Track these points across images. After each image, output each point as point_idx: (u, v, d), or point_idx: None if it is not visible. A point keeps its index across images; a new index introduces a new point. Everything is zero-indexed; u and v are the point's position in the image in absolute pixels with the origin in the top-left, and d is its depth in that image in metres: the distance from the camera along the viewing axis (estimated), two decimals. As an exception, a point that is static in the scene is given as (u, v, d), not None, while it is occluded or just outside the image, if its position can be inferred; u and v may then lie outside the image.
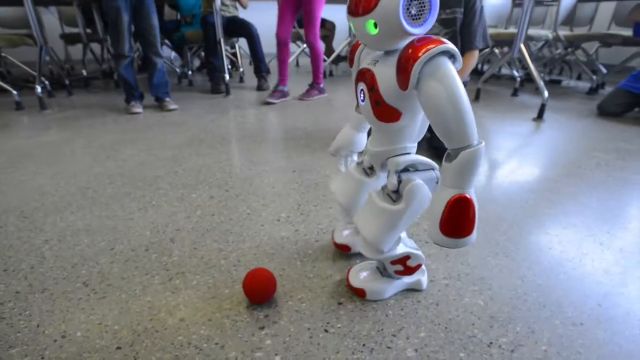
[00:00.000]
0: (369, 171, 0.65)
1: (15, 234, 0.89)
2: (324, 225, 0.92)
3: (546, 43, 3.01)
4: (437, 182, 0.54)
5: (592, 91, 2.69)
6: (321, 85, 2.46)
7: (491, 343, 0.58)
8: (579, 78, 3.36)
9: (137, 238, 0.87)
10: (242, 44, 3.30)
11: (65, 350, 0.56)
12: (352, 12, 0.47)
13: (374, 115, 0.53)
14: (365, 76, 0.53)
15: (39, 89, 2.15)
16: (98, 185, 1.15)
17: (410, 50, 0.43)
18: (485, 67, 3.76)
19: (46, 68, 3.45)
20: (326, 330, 0.60)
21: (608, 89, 2.77)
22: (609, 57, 3.48)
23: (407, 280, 0.68)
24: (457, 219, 0.47)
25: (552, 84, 3.11)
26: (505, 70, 3.58)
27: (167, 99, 2.19)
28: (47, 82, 2.53)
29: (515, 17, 3.49)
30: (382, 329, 0.60)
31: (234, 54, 3.35)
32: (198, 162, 1.35)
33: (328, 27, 3.45)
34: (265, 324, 0.61)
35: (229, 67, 2.65)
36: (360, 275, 0.68)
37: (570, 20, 3.22)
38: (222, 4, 2.71)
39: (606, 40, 2.77)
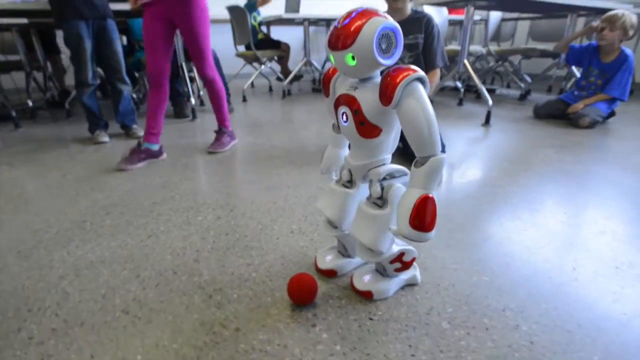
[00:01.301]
0: (348, 184, 0.74)
1: (23, 275, 0.86)
2: (335, 232, 1.00)
3: (479, 57, 3.40)
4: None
5: (522, 97, 3.09)
6: (230, 129, 1.88)
7: (504, 308, 0.70)
8: (508, 86, 3.82)
9: (159, 263, 0.88)
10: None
11: (136, 371, 0.59)
12: (333, 47, 0.57)
13: (358, 133, 0.62)
14: (347, 101, 0.62)
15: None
16: (94, 218, 1.13)
17: (389, 79, 0.54)
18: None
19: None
20: (371, 319, 0.68)
21: (535, 95, 3.19)
22: (529, 68, 4.00)
23: (404, 277, 0.76)
24: (424, 215, 0.56)
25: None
26: (446, 83, 3.96)
27: (135, 126, 2.15)
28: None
29: (450, 34, 3.90)
30: (416, 310, 0.70)
31: (192, 78, 3.34)
32: (190, 186, 1.36)
33: (283, 49, 3.58)
34: (316, 321, 0.68)
35: (191, 91, 2.64)
36: (364, 279, 0.75)
37: (496, 36, 3.68)
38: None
39: (528, 53, 3.22)
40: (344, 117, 0.63)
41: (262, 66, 3.57)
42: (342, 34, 0.55)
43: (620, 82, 2.17)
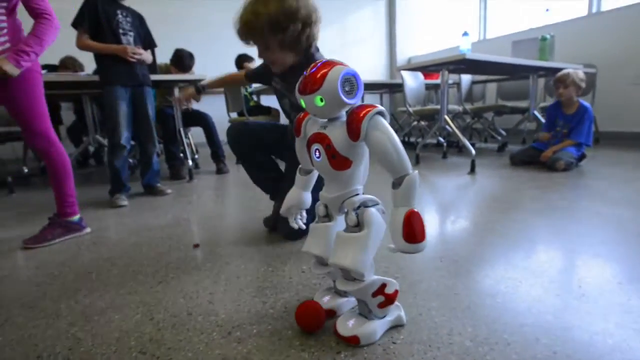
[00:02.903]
0: (326, 219, 0.77)
1: (28, 324, 0.83)
2: (345, 269, 1.02)
3: (456, 115, 3.69)
4: (383, 213, 0.68)
5: (500, 149, 3.30)
6: (75, 219, 1.47)
7: (521, 325, 0.72)
8: (485, 141, 4.09)
9: (172, 306, 0.87)
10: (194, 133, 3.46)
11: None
12: (302, 92, 0.65)
13: (330, 166, 0.67)
14: (319, 138, 0.68)
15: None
16: (100, 269, 1.12)
17: (354, 115, 0.63)
18: (413, 139, 4.39)
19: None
20: (394, 343, 0.69)
21: (511, 147, 3.42)
22: (502, 124, 4.33)
23: (390, 318, 0.73)
24: (414, 228, 0.61)
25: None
26: (428, 140, 4.22)
27: (159, 185, 2.22)
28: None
29: (426, 97, 4.26)
30: (437, 332, 0.71)
31: (188, 143, 3.47)
32: (196, 237, 1.37)
33: (273, 114, 3.80)
34: (341, 349, 0.68)
35: (189, 155, 2.74)
36: (349, 324, 0.71)
37: (469, 97, 4.04)
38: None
39: (500, 110, 3.52)
40: (317, 153, 0.69)
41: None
42: (310, 80, 0.63)
43: (583, 129, 2.40)
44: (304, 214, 0.87)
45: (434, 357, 0.64)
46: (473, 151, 2.36)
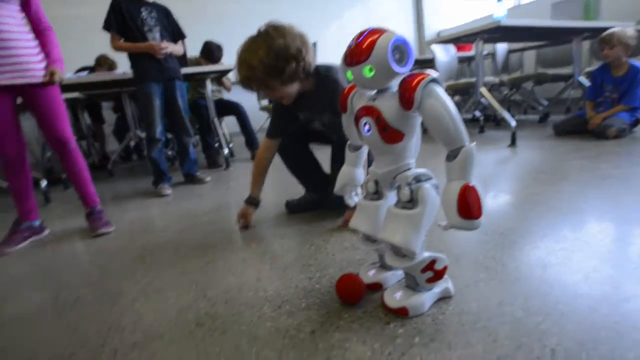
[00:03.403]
0: (375, 196, 0.76)
1: (96, 302, 0.91)
2: (386, 245, 1.02)
3: (493, 87, 3.52)
4: (437, 188, 0.66)
5: (542, 120, 3.12)
6: (101, 215, 1.55)
7: (575, 296, 0.69)
8: (525, 113, 3.88)
9: (223, 284, 0.92)
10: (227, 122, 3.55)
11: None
12: (350, 63, 0.62)
13: (381, 139, 0.66)
14: (369, 111, 0.66)
15: (44, 183, 2.17)
16: (152, 253, 1.19)
17: (407, 84, 0.60)
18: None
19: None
20: (443, 314, 0.69)
21: (554, 117, 3.23)
22: (543, 94, 4.08)
23: (437, 290, 0.72)
24: (469, 204, 0.58)
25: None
26: (463, 115, 4.07)
27: (198, 173, 2.31)
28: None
29: (459, 71, 4.08)
30: (487, 304, 0.70)
31: (223, 133, 3.56)
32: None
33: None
34: (390, 320, 0.69)
35: (224, 143, 2.82)
36: (396, 296, 0.71)
37: (505, 68, 3.82)
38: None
39: (540, 78, 3.31)
40: (366, 127, 0.67)
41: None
42: (357, 51, 0.61)
43: (636, 92, 2.20)
44: (359, 190, 0.85)
45: (484, 327, 0.64)
46: (513, 122, 2.25)
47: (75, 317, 0.85)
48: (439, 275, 0.70)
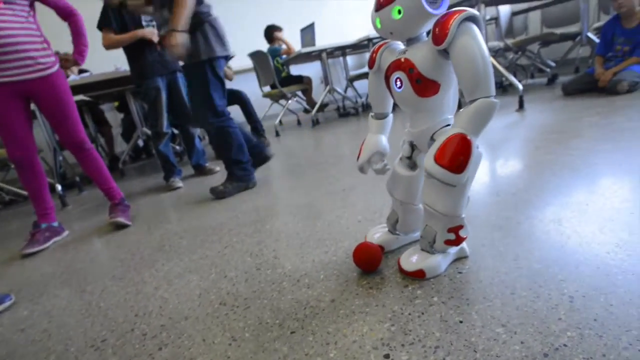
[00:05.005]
0: (410, 162, 0.73)
1: (121, 291, 0.94)
2: (399, 215, 1.03)
3: (497, 52, 3.43)
4: (477, 147, 0.59)
5: (550, 82, 3.05)
6: (126, 209, 1.61)
7: (592, 244, 0.69)
8: (532, 77, 3.78)
9: (242, 264, 0.94)
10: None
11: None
12: (379, 7, 0.58)
13: (415, 93, 0.61)
14: (399, 65, 0.62)
15: (59, 187, 2.22)
16: (171, 242, 1.22)
17: (441, 19, 0.54)
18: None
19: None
20: (460, 272, 0.69)
21: (562, 79, 3.14)
22: (550, 55, 3.96)
23: (453, 250, 0.71)
24: (452, 152, 0.54)
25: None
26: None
27: (207, 164, 2.33)
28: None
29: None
30: (503, 259, 0.70)
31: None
32: (251, 205, 1.44)
33: (306, 82, 3.78)
34: (408, 282, 0.70)
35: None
36: (412, 260, 0.71)
37: (509, 32, 3.71)
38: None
39: (546, 39, 3.21)
40: (398, 82, 0.63)
41: (289, 101, 3.77)
42: None
43: (651, 43, 2.12)
44: (385, 161, 0.79)
45: (501, 281, 0.64)
46: (520, 86, 2.20)
47: (103, 307, 0.88)
48: (458, 241, 0.69)
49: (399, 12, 0.56)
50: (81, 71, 3.19)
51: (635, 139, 1.24)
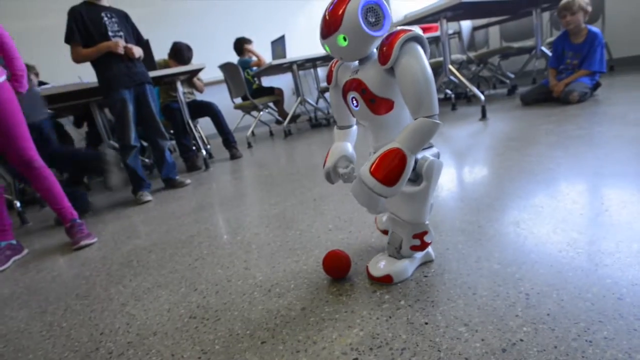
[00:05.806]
0: None
1: (86, 309, 0.90)
2: (369, 221, 1.05)
3: (461, 64, 3.60)
4: (439, 156, 0.65)
5: (510, 92, 3.22)
6: (82, 228, 1.50)
7: (547, 243, 0.73)
8: (494, 87, 3.99)
9: (212, 277, 0.93)
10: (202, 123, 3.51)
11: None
12: (325, 35, 0.59)
13: (371, 112, 0.62)
14: (353, 85, 0.64)
15: (18, 203, 2.11)
16: (140, 257, 1.18)
17: (386, 40, 0.57)
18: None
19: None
20: (425, 276, 0.72)
21: (521, 89, 3.33)
22: (509, 67, 4.20)
23: (419, 255, 0.74)
24: (387, 166, 0.56)
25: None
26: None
27: (178, 177, 2.27)
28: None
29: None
30: (465, 261, 0.73)
31: (199, 136, 3.52)
32: (222, 217, 1.43)
33: (277, 93, 3.80)
34: (376, 288, 0.71)
35: (201, 145, 2.79)
36: (380, 265, 0.73)
37: (471, 46, 3.91)
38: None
39: (505, 52, 3.41)
40: (354, 102, 0.65)
41: (261, 113, 3.77)
42: (329, 20, 0.58)
43: (595, 57, 2.30)
44: (352, 166, 0.77)
45: (464, 282, 0.67)
46: (482, 97, 2.32)
47: (66, 326, 0.84)
48: (423, 246, 0.71)
49: (344, 39, 0.58)
50: (41, 83, 3.05)
51: (585, 146, 1.34)
